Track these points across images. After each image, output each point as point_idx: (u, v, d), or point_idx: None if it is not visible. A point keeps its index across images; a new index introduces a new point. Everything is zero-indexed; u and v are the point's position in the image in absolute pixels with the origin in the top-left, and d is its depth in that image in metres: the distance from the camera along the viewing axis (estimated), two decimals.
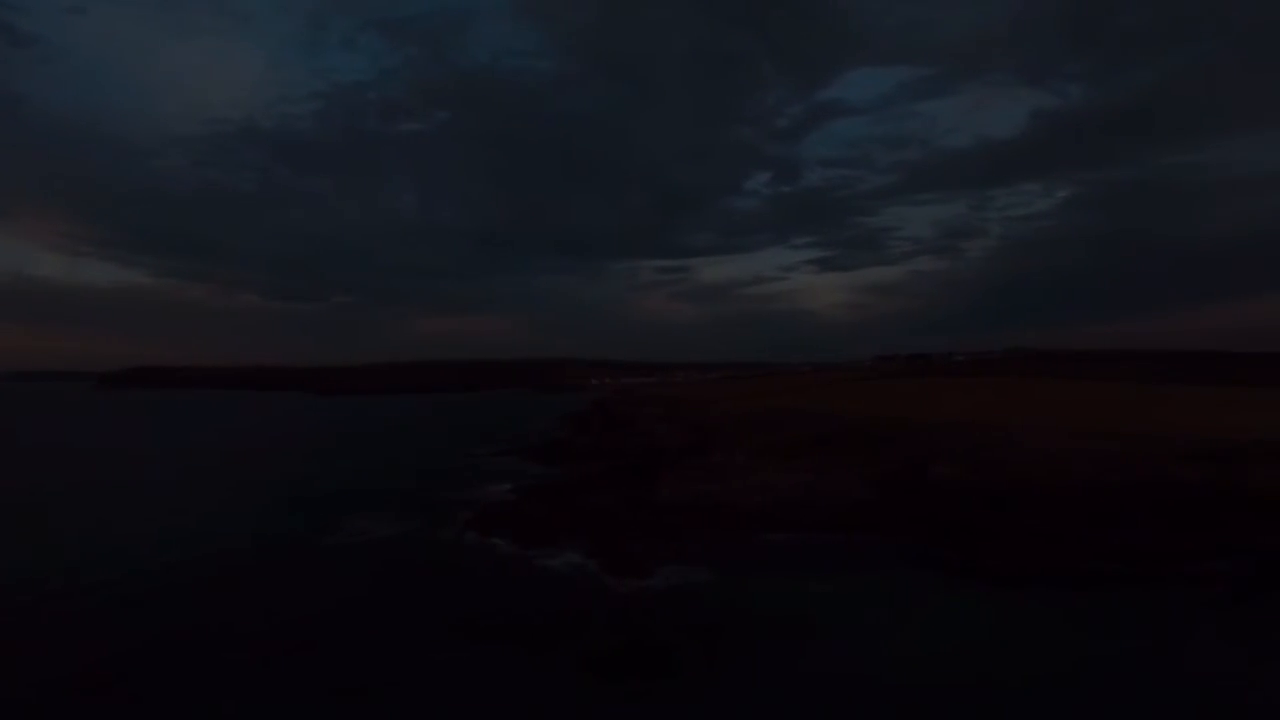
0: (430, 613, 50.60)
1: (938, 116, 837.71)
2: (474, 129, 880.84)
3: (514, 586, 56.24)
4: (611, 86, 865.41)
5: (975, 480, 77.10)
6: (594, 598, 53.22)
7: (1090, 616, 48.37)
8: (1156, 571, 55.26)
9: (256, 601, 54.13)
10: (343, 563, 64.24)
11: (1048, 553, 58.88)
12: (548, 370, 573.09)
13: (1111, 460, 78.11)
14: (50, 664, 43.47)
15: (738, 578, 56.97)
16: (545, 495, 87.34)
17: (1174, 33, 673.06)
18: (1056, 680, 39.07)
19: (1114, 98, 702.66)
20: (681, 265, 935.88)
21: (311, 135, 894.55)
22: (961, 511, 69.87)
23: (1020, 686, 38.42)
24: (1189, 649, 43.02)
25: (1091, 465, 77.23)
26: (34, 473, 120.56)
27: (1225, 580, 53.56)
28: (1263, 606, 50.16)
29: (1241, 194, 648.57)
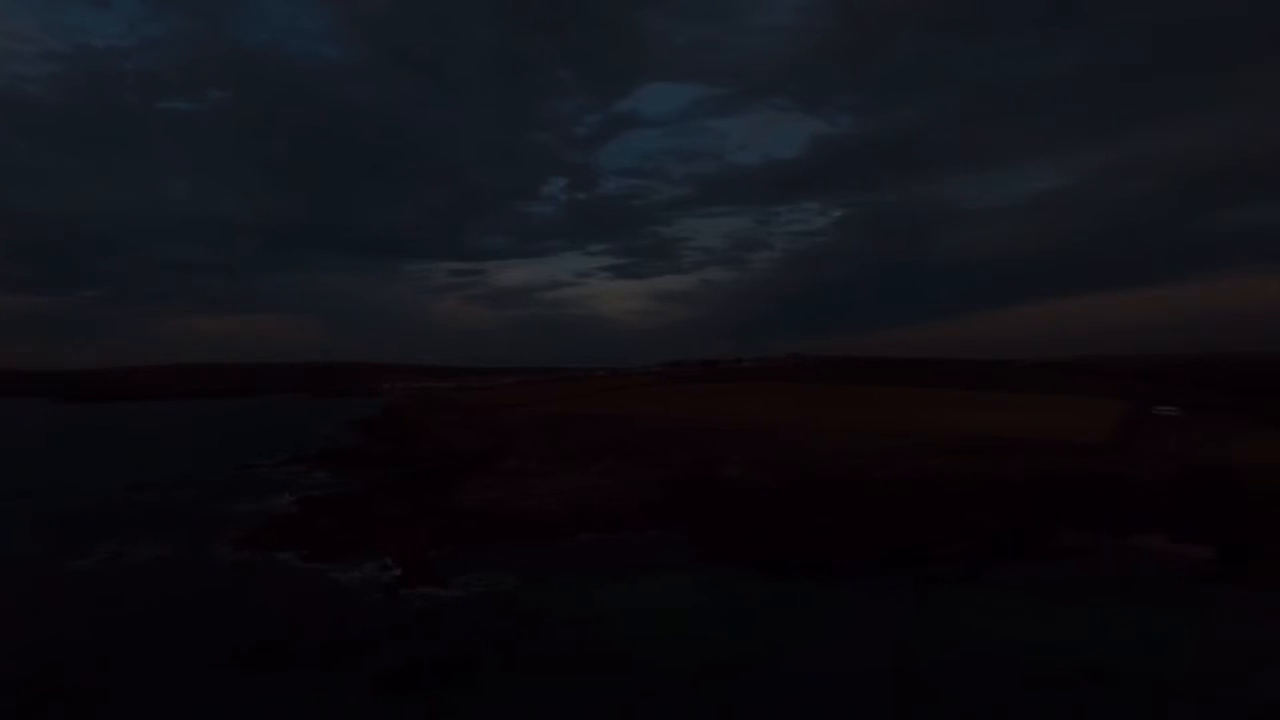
0: (205, 642, 46.10)
1: (729, 134, 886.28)
2: (255, 113, 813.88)
3: (302, 606, 52.83)
4: (406, 79, 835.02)
5: (761, 479, 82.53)
6: (391, 611, 51.33)
7: (854, 598, 53.49)
8: (913, 555, 62.08)
9: None
10: (94, 591, 57.14)
11: (826, 543, 64.26)
12: (337, 374, 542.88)
13: (882, 457, 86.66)
14: None
15: (537, 582, 57.21)
16: (334, 506, 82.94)
17: (927, 81, 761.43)
18: (824, 653, 42.94)
19: (879, 131, 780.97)
20: (477, 268, 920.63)
21: (48, 102, 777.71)
22: (749, 508, 74.56)
23: (796, 665, 41.81)
24: (922, 619, 48.84)
25: (864, 462, 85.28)
26: None
27: (965, 559, 61.35)
28: (987, 580, 57.83)
29: (979, 222, 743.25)
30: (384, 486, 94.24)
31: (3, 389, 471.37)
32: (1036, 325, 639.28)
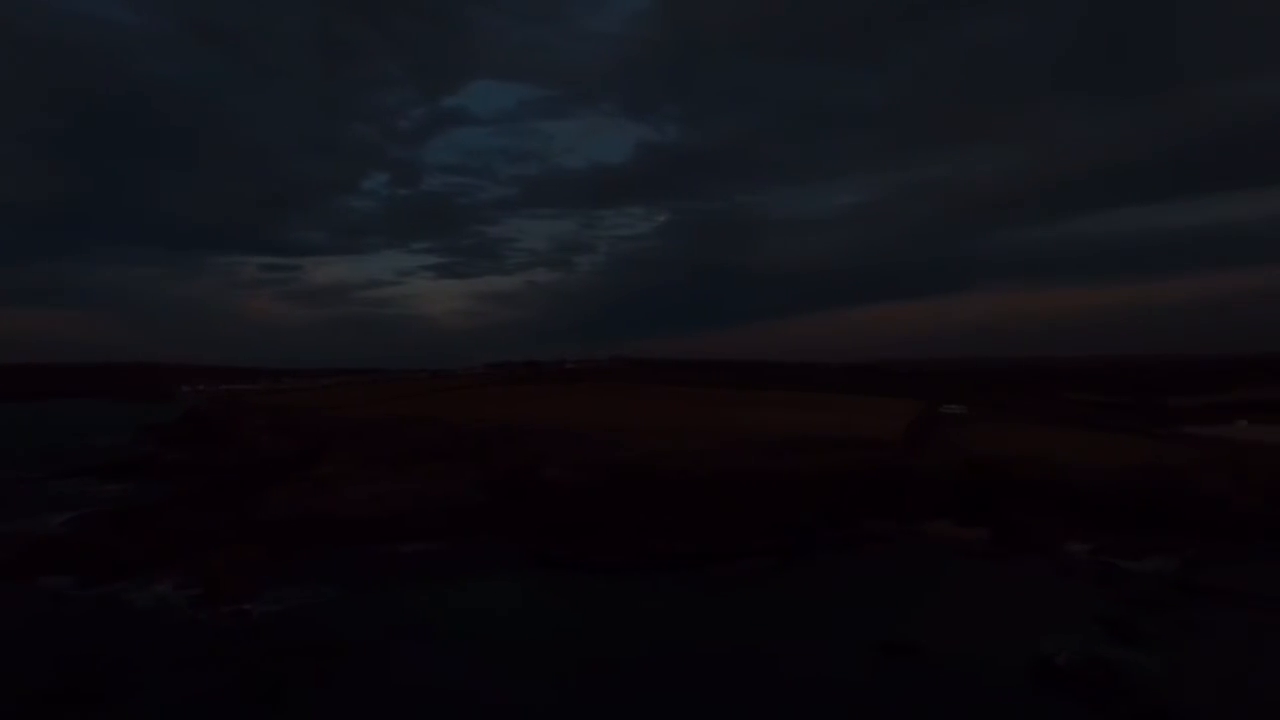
0: None
1: (556, 136, 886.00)
2: (27, 81, 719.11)
3: (81, 635, 47.54)
4: (214, 58, 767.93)
5: (585, 480, 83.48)
6: (189, 633, 47.51)
7: (670, 595, 55.36)
8: (732, 549, 64.98)
9: None
10: None
11: (646, 542, 66.03)
12: (130, 375, 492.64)
13: (702, 456, 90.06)
14: None
15: (350, 593, 54.94)
16: (122, 521, 75.31)
17: (751, 98, 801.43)
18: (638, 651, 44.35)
19: (704, 141, 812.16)
20: (292, 264, 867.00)
21: None
22: (572, 510, 75.26)
23: (612, 665, 42.89)
24: (740, 608, 51.68)
25: (685, 461, 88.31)
26: None
27: (780, 551, 64.99)
28: (800, 568, 61.83)
29: (795, 232, 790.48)
30: (183, 497, 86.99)
31: None
32: (845, 330, 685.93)
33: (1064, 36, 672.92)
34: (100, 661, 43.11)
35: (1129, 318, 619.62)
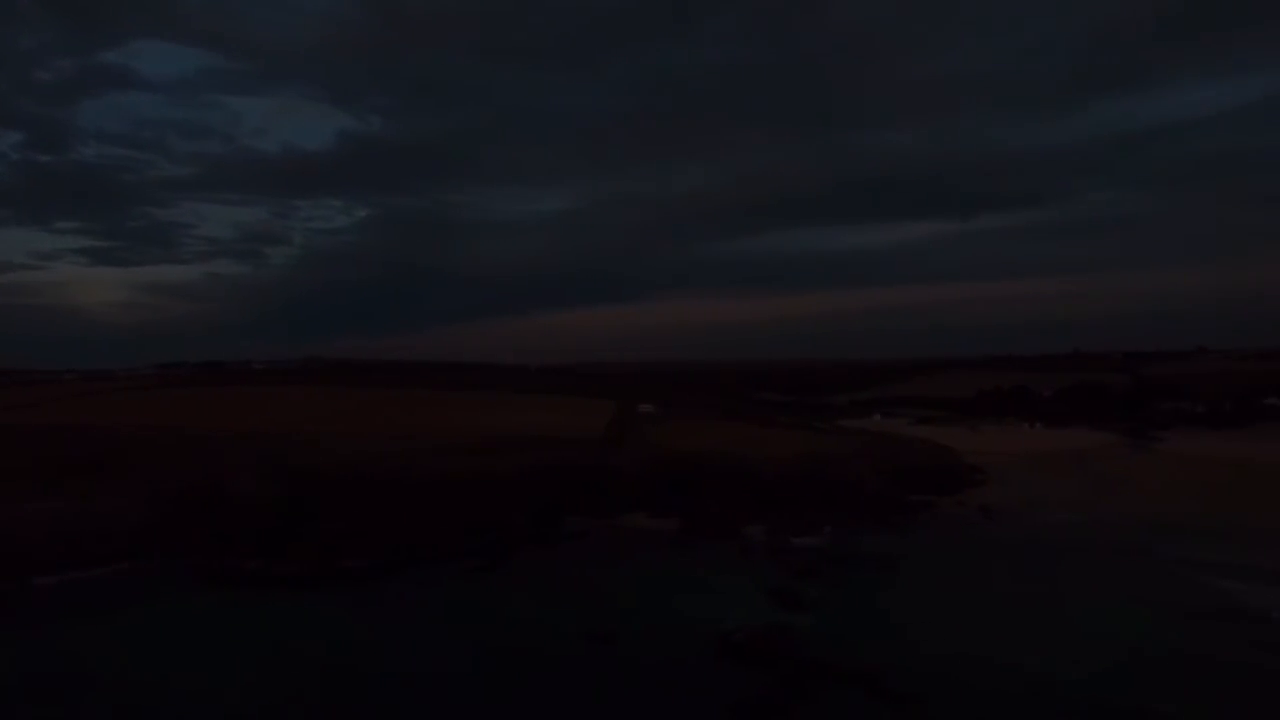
0: None
1: (245, 114, 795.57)
2: None
3: None
4: None
5: (278, 489, 77.00)
6: None
7: (365, 607, 53.33)
8: (437, 552, 64.33)
9: None
10: None
11: (343, 551, 62.65)
12: None
13: (406, 458, 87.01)
14: None
15: None
16: None
17: (464, 95, 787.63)
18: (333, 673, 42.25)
19: (412, 135, 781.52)
20: None
21: None
22: (261, 522, 69.06)
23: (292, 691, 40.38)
24: (444, 612, 51.24)
25: (388, 464, 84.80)
26: None
27: (486, 551, 65.53)
28: (505, 568, 62.56)
29: (502, 234, 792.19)
30: None
31: None
32: (548, 333, 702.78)
33: (754, 73, 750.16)
34: None
35: (797, 325, 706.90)
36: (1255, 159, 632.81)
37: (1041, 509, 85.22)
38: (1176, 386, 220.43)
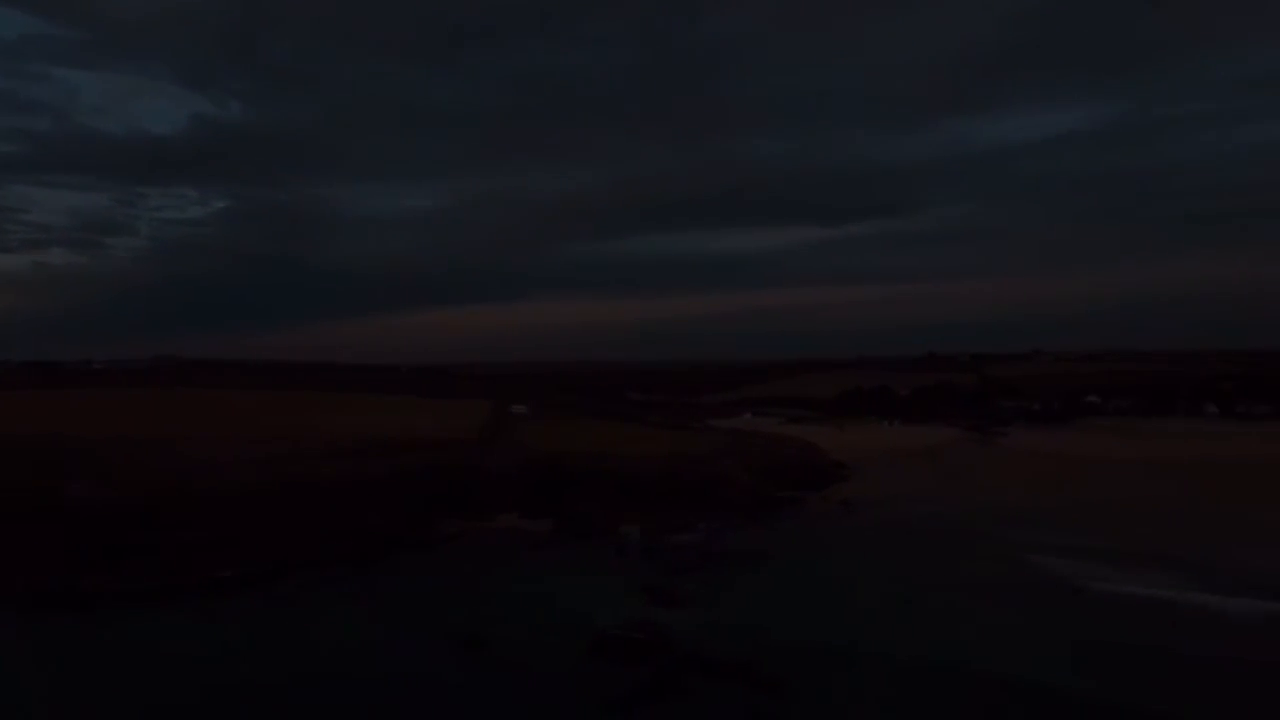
0: None
1: (82, 90, 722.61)
2: None
3: None
4: None
5: (124, 497, 71.46)
6: None
7: (218, 623, 50.20)
8: (300, 562, 61.44)
9: None
10: None
11: (196, 564, 58.97)
12: None
13: (266, 464, 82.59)
14: None
15: None
16: None
17: (332, 85, 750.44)
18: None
19: (274, 124, 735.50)
20: None
21: None
22: (107, 533, 63.85)
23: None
24: (305, 628, 49.33)
25: (245, 471, 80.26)
26: None
27: (354, 558, 63.39)
28: (372, 577, 60.75)
29: (371, 230, 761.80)
30: None
31: None
32: (418, 332, 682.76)
33: (626, 75, 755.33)
34: None
35: (669, 327, 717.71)
36: (1075, 181, 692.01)
37: (898, 501, 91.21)
38: (1016, 386, 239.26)
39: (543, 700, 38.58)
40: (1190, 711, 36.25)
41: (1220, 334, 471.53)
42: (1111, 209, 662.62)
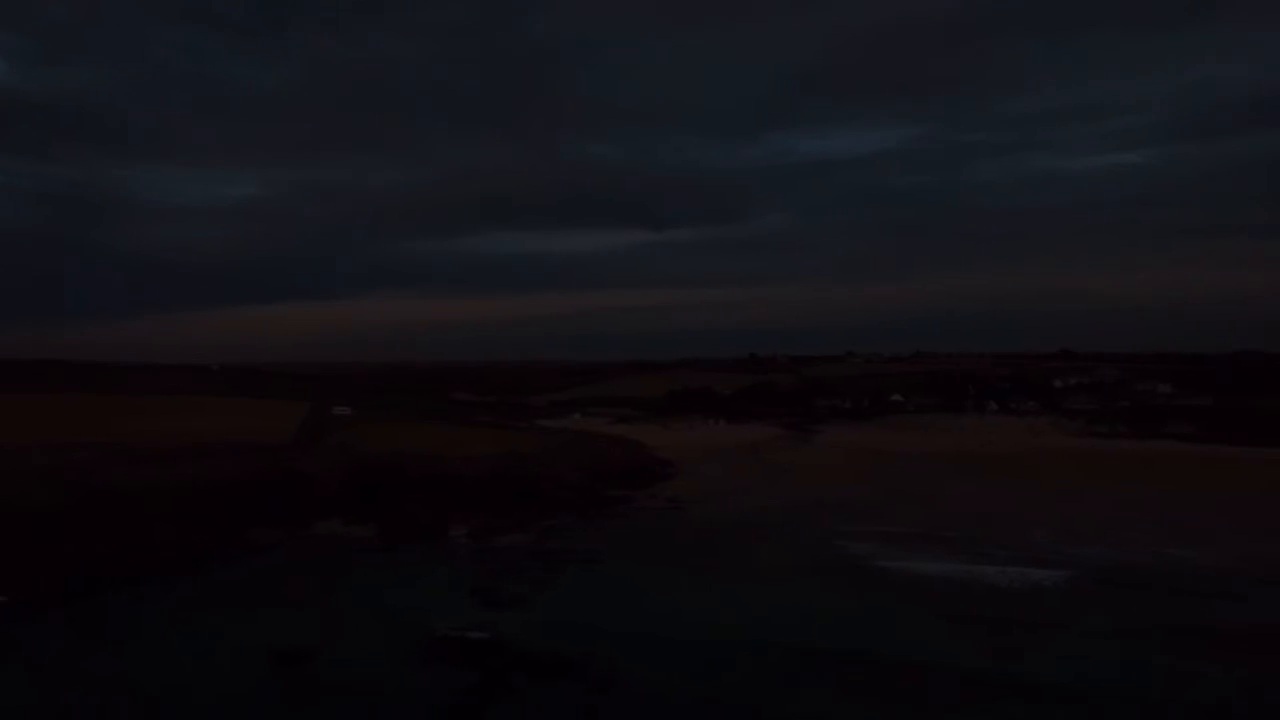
0: None
1: None
2: None
3: None
4: None
5: None
6: None
7: (9, 650, 45.28)
8: (91, 583, 55.47)
9: None
10: None
11: None
12: None
13: (55, 472, 73.55)
14: None
15: None
16: None
17: (126, 51, 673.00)
18: None
19: (55, 92, 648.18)
20: None
21: None
22: None
23: None
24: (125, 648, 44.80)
25: (36, 480, 71.21)
26: None
27: (159, 573, 58.32)
28: (182, 592, 55.87)
29: (176, 218, 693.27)
30: None
31: None
32: (231, 330, 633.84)
33: (460, 71, 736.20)
34: None
35: (500, 327, 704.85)
36: (886, 196, 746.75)
37: (722, 496, 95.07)
38: (831, 386, 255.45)
39: (365, 712, 36.95)
40: (939, 655, 42.87)
41: (997, 339, 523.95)
42: (914, 224, 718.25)
